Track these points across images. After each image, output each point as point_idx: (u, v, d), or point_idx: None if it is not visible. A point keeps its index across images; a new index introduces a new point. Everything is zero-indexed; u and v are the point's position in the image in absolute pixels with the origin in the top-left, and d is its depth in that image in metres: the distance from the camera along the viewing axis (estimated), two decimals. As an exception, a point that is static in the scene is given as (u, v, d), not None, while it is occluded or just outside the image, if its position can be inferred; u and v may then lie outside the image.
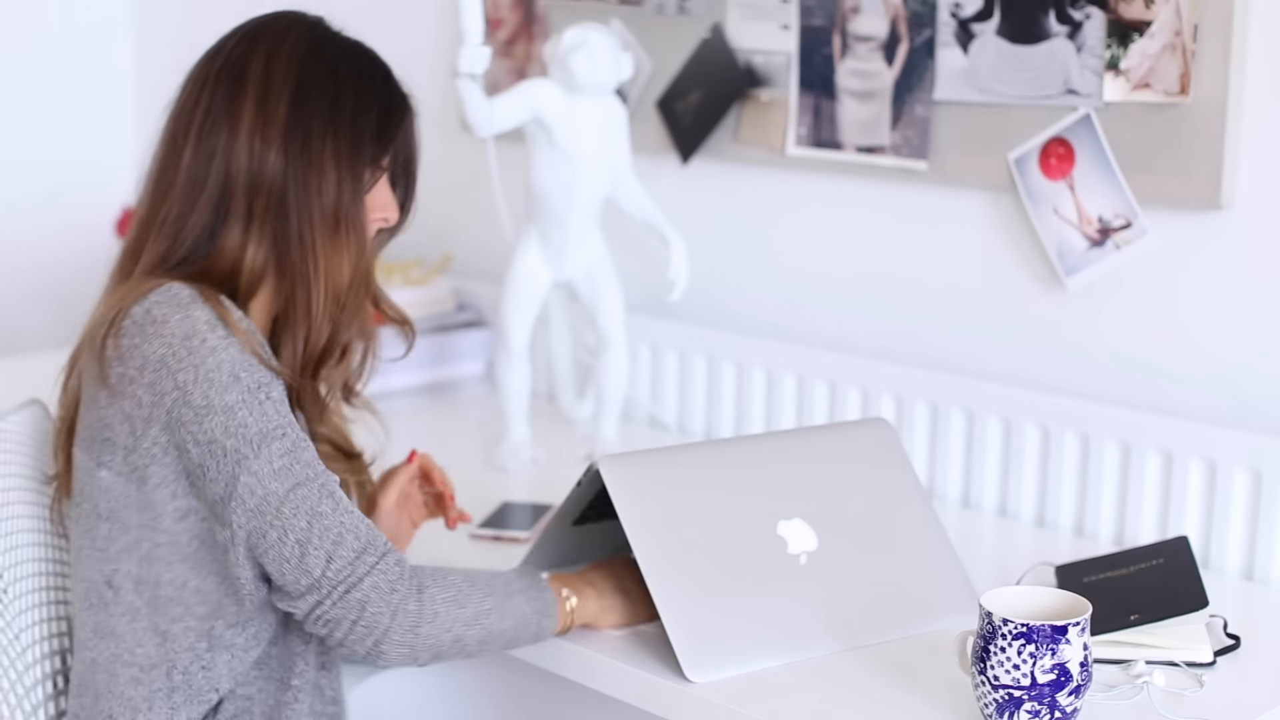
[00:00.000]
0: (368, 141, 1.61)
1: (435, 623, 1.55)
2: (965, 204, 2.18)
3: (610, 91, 2.24)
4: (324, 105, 1.59)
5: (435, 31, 2.79)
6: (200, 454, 1.51)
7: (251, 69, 1.59)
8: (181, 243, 1.59)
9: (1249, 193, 1.93)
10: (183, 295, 1.53)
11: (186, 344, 1.50)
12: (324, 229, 1.58)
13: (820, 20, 2.26)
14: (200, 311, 1.52)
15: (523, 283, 2.29)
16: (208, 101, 1.60)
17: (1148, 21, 1.95)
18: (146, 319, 1.52)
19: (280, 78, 1.59)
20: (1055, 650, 1.45)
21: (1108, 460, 2.04)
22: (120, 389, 1.52)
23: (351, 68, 1.63)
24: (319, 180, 1.58)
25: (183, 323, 1.51)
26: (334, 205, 1.59)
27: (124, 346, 1.52)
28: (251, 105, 1.58)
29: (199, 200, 1.58)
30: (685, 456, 1.78)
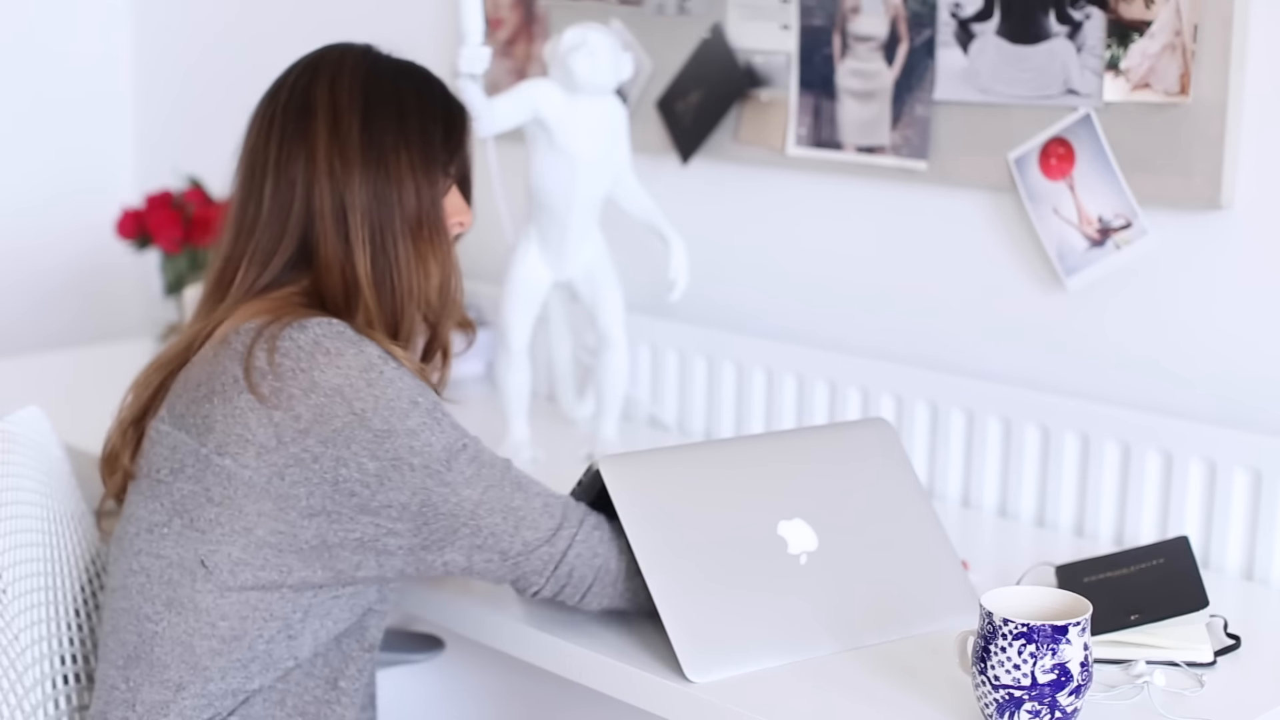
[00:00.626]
0: (438, 149, 1.72)
1: (637, 578, 1.66)
2: (965, 204, 2.18)
3: (610, 91, 2.24)
4: (393, 121, 1.69)
5: (435, 31, 2.79)
6: (381, 467, 1.59)
7: (318, 98, 1.68)
8: (272, 268, 1.68)
9: (1249, 193, 1.93)
10: (348, 333, 1.62)
11: (365, 376, 1.59)
12: (412, 238, 1.69)
13: (820, 20, 2.26)
14: (371, 347, 1.61)
15: (523, 282, 2.29)
16: (279, 135, 1.68)
17: (1148, 21, 1.95)
18: (316, 348, 1.60)
19: (347, 101, 1.68)
20: (1056, 650, 1.45)
21: (1108, 460, 2.04)
22: (274, 401, 1.59)
23: (411, 84, 1.73)
24: (399, 192, 1.68)
25: (358, 357, 1.60)
26: (416, 213, 1.69)
27: (285, 367, 1.59)
28: (324, 131, 1.67)
29: (287, 228, 1.68)
30: (685, 456, 1.78)
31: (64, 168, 3.32)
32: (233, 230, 1.71)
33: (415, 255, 1.70)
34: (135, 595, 1.65)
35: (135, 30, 3.38)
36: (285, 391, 1.59)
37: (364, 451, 1.59)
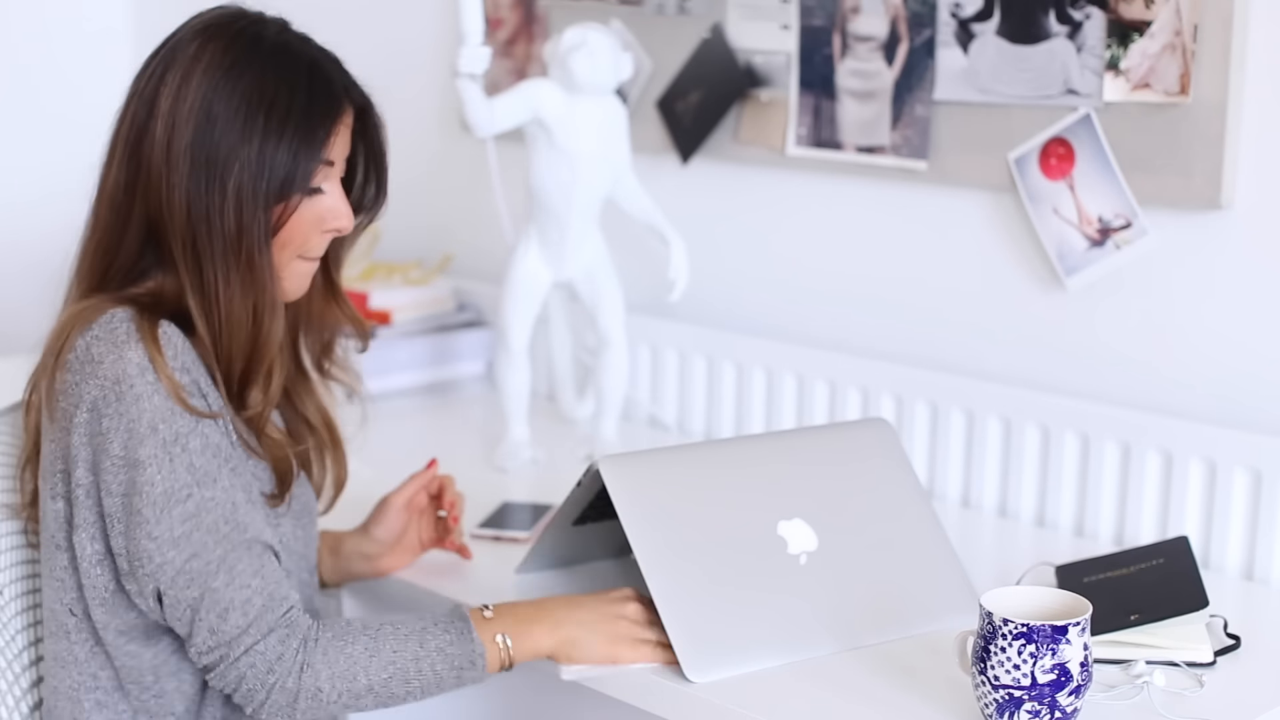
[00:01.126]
0: (280, 170, 1.56)
1: (317, 699, 1.56)
2: (965, 204, 2.18)
3: (610, 91, 2.24)
4: (230, 140, 1.54)
5: (435, 31, 2.79)
6: (112, 505, 1.52)
7: (161, 99, 1.56)
8: (118, 264, 1.59)
9: (1249, 193, 1.93)
10: (119, 332, 1.52)
11: (115, 389, 1.50)
12: (232, 264, 1.56)
13: (820, 20, 2.26)
14: (132, 353, 1.51)
15: (523, 283, 2.29)
16: (126, 128, 1.59)
17: (1148, 21, 1.95)
18: (86, 356, 1.52)
19: (186, 112, 1.55)
20: (1055, 650, 1.45)
21: (1108, 460, 2.04)
22: (64, 424, 1.53)
23: (271, 89, 1.56)
24: (220, 218, 1.55)
25: (115, 365, 1.51)
26: (237, 241, 1.55)
27: (67, 382, 1.53)
28: (159, 141, 1.56)
29: (128, 225, 1.58)
30: (685, 456, 1.78)
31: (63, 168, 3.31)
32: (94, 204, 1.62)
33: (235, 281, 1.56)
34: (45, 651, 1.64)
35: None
36: (67, 412, 1.53)
37: (103, 486, 1.52)
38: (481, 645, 1.60)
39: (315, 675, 1.55)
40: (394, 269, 2.73)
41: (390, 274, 2.72)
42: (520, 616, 1.63)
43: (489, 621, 1.62)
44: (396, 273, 2.73)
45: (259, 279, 1.57)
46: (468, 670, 1.60)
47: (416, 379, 2.65)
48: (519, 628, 1.62)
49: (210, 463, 1.54)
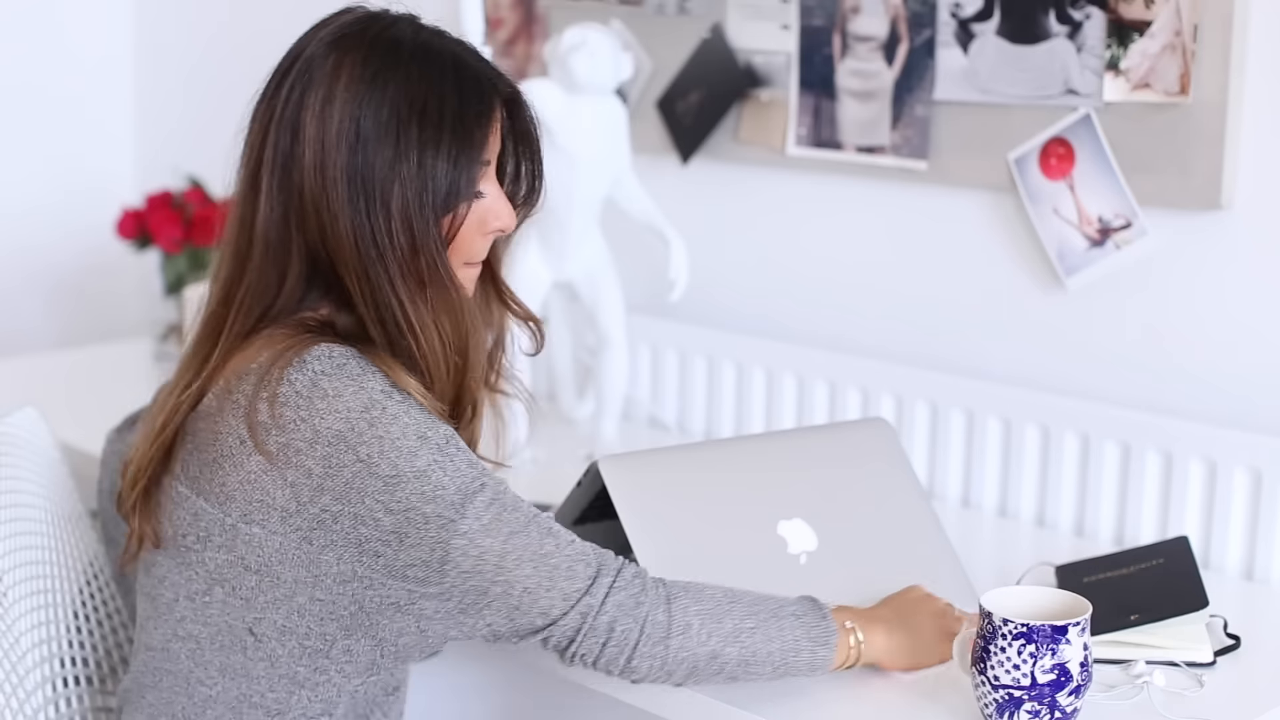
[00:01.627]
0: (443, 181, 1.50)
1: (688, 634, 1.50)
2: (965, 204, 2.18)
3: (610, 91, 2.24)
4: (386, 157, 1.48)
5: (435, 31, 2.78)
6: (396, 521, 1.45)
7: (305, 123, 1.49)
8: (279, 305, 1.52)
9: (1249, 193, 1.93)
10: (350, 365, 1.47)
11: (366, 416, 1.45)
12: (413, 286, 1.49)
13: (820, 20, 2.26)
14: (373, 381, 1.46)
15: (523, 282, 2.29)
16: (271, 155, 1.50)
17: (1148, 21, 1.95)
18: (314, 391, 1.45)
19: (335, 132, 1.48)
20: (1055, 650, 1.45)
21: (1108, 460, 2.04)
22: (284, 459, 1.46)
23: (421, 97, 1.49)
24: (390, 240, 1.48)
25: (358, 395, 1.45)
26: (413, 261, 1.49)
27: (287, 418, 1.46)
28: (310, 168, 1.48)
29: (289, 260, 1.51)
30: (685, 456, 1.78)
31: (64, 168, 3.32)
32: (233, 240, 1.54)
33: (420, 304, 1.50)
34: (185, 660, 1.58)
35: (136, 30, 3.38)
36: (292, 446, 1.46)
37: (378, 505, 1.45)
38: (834, 625, 1.56)
39: (684, 609, 1.50)
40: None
41: (390, 274, 2.72)
42: (859, 613, 1.60)
43: (835, 610, 1.58)
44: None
45: (444, 294, 1.51)
46: (822, 648, 1.55)
47: (417, 379, 2.65)
48: (863, 624, 1.58)
49: (476, 458, 1.51)
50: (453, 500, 1.45)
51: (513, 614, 1.48)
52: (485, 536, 1.46)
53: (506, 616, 1.48)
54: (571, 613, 1.48)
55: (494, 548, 1.46)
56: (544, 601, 1.47)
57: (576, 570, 1.49)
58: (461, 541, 1.45)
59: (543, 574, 1.47)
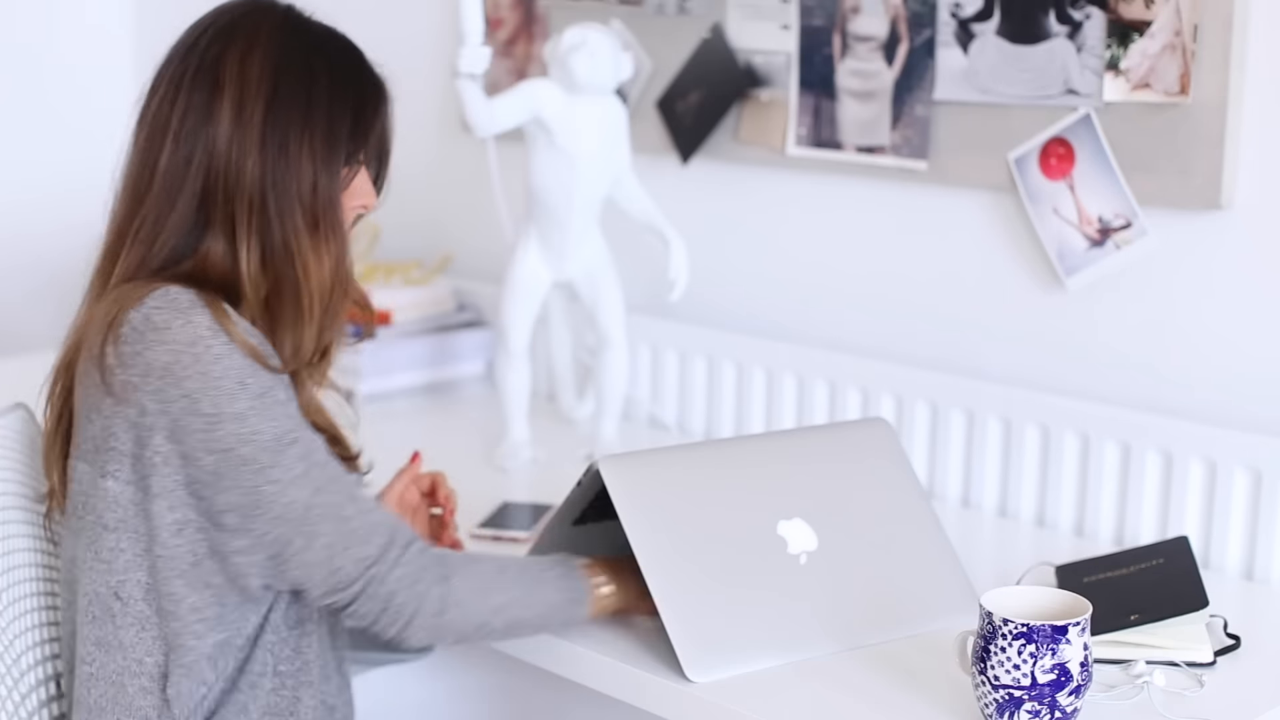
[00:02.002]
0: (343, 139, 1.61)
1: (461, 609, 1.60)
2: (965, 204, 2.18)
3: (610, 91, 2.24)
4: (299, 107, 1.59)
5: (435, 31, 2.79)
6: (215, 461, 1.51)
7: (226, 71, 1.58)
8: (161, 247, 1.58)
9: (1249, 193, 1.93)
10: (181, 300, 1.52)
11: (191, 350, 1.50)
12: (305, 231, 1.58)
13: (820, 20, 2.26)
14: (201, 317, 1.51)
15: (523, 283, 2.29)
16: (184, 104, 1.58)
17: (1148, 21, 1.95)
18: (147, 325, 1.50)
19: (255, 80, 1.58)
20: (1055, 650, 1.45)
21: (1108, 460, 2.04)
22: (124, 396, 1.51)
23: (325, 64, 1.62)
24: (297, 183, 1.58)
25: (185, 329, 1.50)
26: (312, 207, 1.59)
27: (125, 353, 1.51)
28: (228, 110, 1.57)
29: (177, 203, 1.58)
30: (685, 456, 1.78)
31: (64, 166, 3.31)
32: (125, 195, 1.62)
33: (309, 249, 1.58)
34: (72, 639, 1.61)
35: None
36: (129, 382, 1.50)
37: (200, 445, 1.50)
38: (586, 586, 1.67)
39: (457, 586, 1.59)
40: (394, 269, 2.73)
41: (390, 274, 2.72)
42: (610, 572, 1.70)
43: (587, 566, 1.69)
44: (396, 273, 2.73)
45: (334, 235, 1.60)
46: (577, 606, 1.67)
47: (416, 379, 2.65)
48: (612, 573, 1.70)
49: (298, 412, 1.57)
50: (268, 445, 1.51)
51: (310, 570, 1.55)
52: (295, 487, 1.52)
53: (306, 573, 1.55)
54: (359, 579, 1.55)
55: (301, 499, 1.53)
56: (337, 561, 1.55)
57: (371, 538, 1.56)
58: (271, 488, 1.51)
59: (341, 534, 1.55)
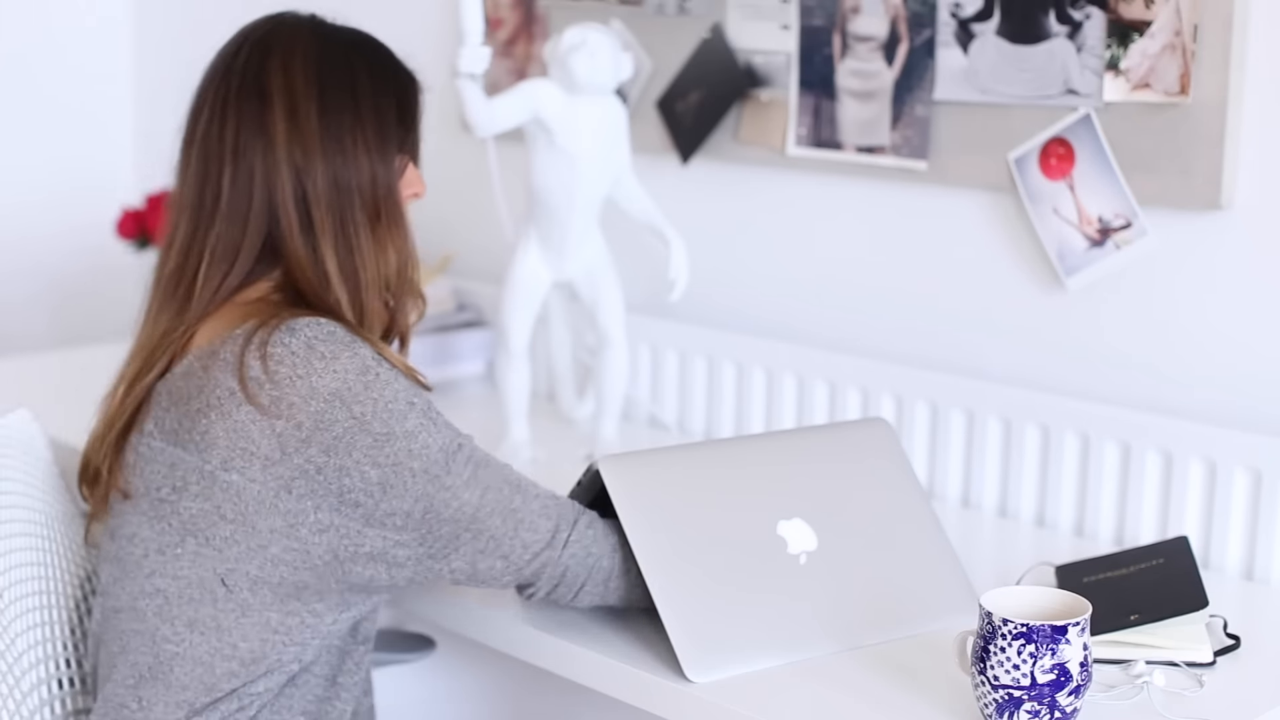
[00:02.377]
0: (393, 130, 1.68)
1: (626, 577, 1.68)
2: (965, 204, 2.18)
3: (610, 91, 2.24)
4: (349, 105, 1.65)
5: (435, 31, 2.79)
6: (383, 474, 1.57)
7: (272, 82, 1.64)
8: (242, 264, 1.65)
9: (1249, 193, 1.93)
10: (339, 333, 1.59)
11: (363, 379, 1.57)
12: (371, 223, 1.66)
13: (820, 20, 2.26)
14: (364, 349, 1.59)
15: (523, 282, 2.29)
16: (235, 121, 1.64)
17: (1148, 21, 1.95)
18: (310, 353, 1.57)
19: (303, 85, 1.64)
20: (1055, 650, 1.45)
21: (1108, 460, 2.04)
22: (276, 410, 1.56)
23: (363, 59, 1.69)
24: (358, 177, 1.65)
25: (353, 359, 1.57)
26: (374, 197, 1.66)
27: (281, 374, 1.56)
28: (282, 119, 1.63)
29: (249, 220, 1.64)
30: (685, 456, 1.78)
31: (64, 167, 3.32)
32: (189, 221, 1.67)
33: (375, 240, 1.66)
34: (151, 617, 1.63)
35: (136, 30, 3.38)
36: (285, 400, 1.56)
37: (365, 459, 1.56)
38: None
39: (614, 546, 1.67)
40: (394, 269, 2.73)
41: (390, 274, 2.72)
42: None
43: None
44: (396, 273, 2.73)
45: (402, 224, 1.69)
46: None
47: (416, 379, 2.65)
48: None
49: (451, 422, 1.64)
50: (437, 458, 1.59)
51: (476, 559, 1.62)
52: (465, 490, 1.60)
53: (470, 562, 1.62)
54: (533, 561, 1.64)
55: (471, 500, 1.61)
56: (506, 547, 1.62)
57: (539, 524, 1.64)
58: (445, 495, 1.59)
59: (509, 526, 1.62)
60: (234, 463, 1.57)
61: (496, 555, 1.62)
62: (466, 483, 1.60)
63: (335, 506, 1.57)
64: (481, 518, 1.61)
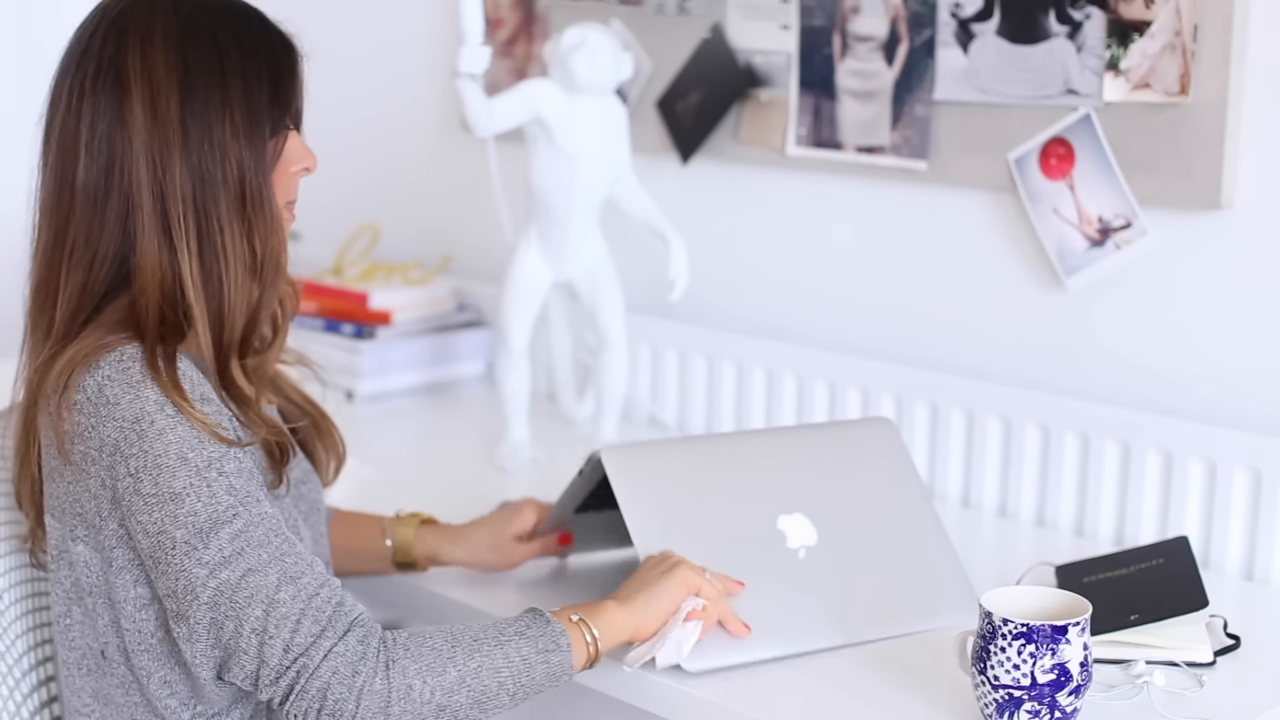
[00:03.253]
0: (265, 111, 1.51)
1: (409, 697, 1.44)
2: (965, 204, 2.18)
3: (610, 91, 2.24)
4: (215, 89, 1.49)
5: (435, 31, 2.79)
6: (151, 545, 1.45)
7: (130, 69, 1.48)
8: (99, 268, 1.51)
9: (1249, 193, 1.93)
10: (133, 371, 1.45)
11: (136, 428, 1.44)
12: (238, 216, 1.50)
13: (820, 20, 2.26)
14: (149, 391, 1.44)
15: (523, 283, 2.29)
16: (91, 112, 1.49)
17: (1148, 21, 1.95)
18: (100, 398, 1.45)
19: (163, 72, 1.48)
20: (1055, 650, 1.45)
21: (1108, 460, 2.04)
22: (84, 468, 1.47)
23: (231, 37, 1.51)
24: (223, 169, 1.49)
25: (133, 405, 1.44)
26: (240, 189, 1.49)
27: (81, 425, 1.45)
28: (140, 109, 1.48)
29: (106, 218, 1.50)
30: (687, 448, 1.78)
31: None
32: (47, 221, 1.54)
33: (242, 234, 1.50)
34: (72, 682, 1.58)
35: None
36: (88, 455, 1.46)
37: (139, 527, 1.45)
38: (561, 626, 1.51)
39: (403, 671, 1.44)
40: (394, 269, 2.73)
41: (390, 274, 2.72)
42: (587, 605, 1.56)
43: (558, 612, 1.54)
44: (396, 273, 2.73)
45: (267, 217, 1.51)
46: (554, 653, 1.50)
47: (416, 379, 2.65)
48: (589, 611, 1.55)
49: (248, 483, 1.47)
50: (201, 526, 1.43)
51: (242, 658, 1.44)
52: (224, 569, 1.43)
53: (239, 661, 1.44)
54: (289, 670, 1.43)
55: (230, 581, 1.43)
56: (267, 648, 1.43)
57: (303, 624, 1.43)
58: (202, 571, 1.43)
59: (271, 620, 1.43)
60: (77, 531, 1.50)
61: (252, 652, 1.43)
62: (227, 560, 1.43)
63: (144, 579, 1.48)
64: (240, 603, 1.43)
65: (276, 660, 1.43)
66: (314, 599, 1.44)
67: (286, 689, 1.43)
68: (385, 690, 1.43)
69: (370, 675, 1.43)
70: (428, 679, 1.45)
